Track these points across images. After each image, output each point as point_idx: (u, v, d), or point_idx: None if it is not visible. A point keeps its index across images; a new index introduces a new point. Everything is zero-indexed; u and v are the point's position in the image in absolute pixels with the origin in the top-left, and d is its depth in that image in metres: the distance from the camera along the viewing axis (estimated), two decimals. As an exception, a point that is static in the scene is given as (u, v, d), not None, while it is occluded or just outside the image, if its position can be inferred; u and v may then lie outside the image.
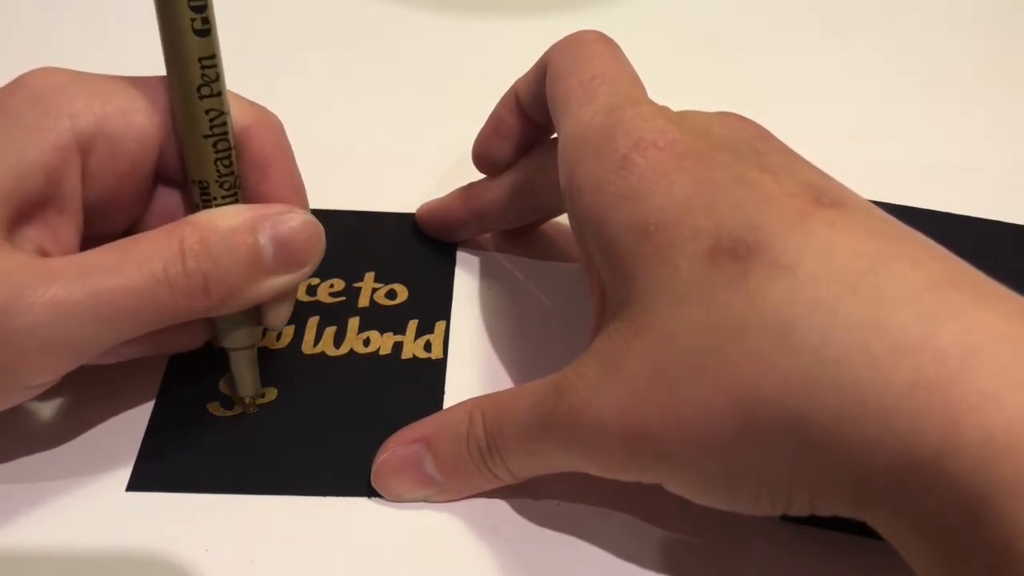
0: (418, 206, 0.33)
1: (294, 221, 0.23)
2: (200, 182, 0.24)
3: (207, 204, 0.24)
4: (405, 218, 0.33)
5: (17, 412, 0.23)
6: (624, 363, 0.20)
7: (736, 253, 0.19)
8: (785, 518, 0.24)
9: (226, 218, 0.23)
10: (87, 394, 0.26)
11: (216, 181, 0.24)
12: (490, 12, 0.45)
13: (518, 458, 0.23)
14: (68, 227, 0.24)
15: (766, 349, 0.18)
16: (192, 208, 0.25)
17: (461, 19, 0.45)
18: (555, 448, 0.22)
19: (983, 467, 0.16)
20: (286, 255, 0.23)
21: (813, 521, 0.24)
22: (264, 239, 0.23)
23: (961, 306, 0.17)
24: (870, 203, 0.21)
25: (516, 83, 0.29)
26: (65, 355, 0.21)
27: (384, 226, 0.33)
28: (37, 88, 0.23)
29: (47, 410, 0.26)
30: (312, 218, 0.24)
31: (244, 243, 0.23)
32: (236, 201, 0.25)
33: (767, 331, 0.18)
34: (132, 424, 0.26)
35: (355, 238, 0.32)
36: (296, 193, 0.26)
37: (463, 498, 0.25)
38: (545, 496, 0.25)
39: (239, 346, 0.26)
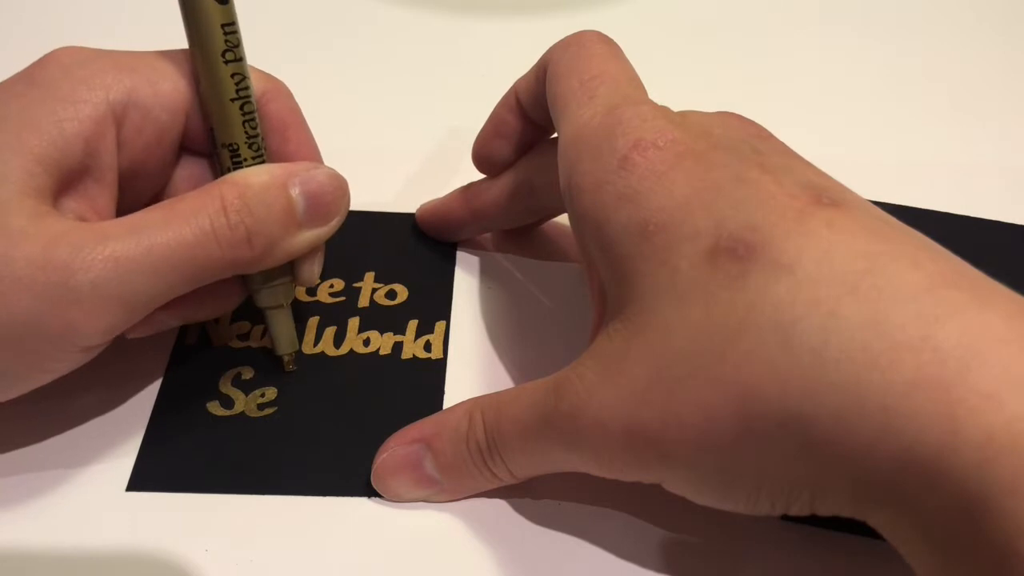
0: (418, 206, 0.33)
1: (321, 176, 0.25)
2: (230, 145, 0.25)
3: (238, 166, 0.25)
4: (405, 218, 0.33)
5: (17, 412, 0.24)
6: (624, 363, 0.20)
7: (736, 253, 0.19)
8: (785, 518, 0.24)
9: (259, 175, 0.24)
10: (87, 394, 0.26)
11: (245, 142, 0.25)
12: (490, 12, 0.45)
13: (518, 458, 0.23)
14: (105, 196, 0.24)
15: (766, 349, 0.18)
16: (221, 172, 0.25)
17: (461, 19, 0.45)
18: (555, 448, 0.22)
19: (983, 467, 0.16)
20: (317, 208, 0.24)
21: (813, 521, 0.24)
22: (296, 194, 0.24)
23: (961, 306, 0.17)
24: (870, 203, 0.21)
25: (516, 83, 0.29)
26: (122, 311, 0.22)
27: (384, 226, 0.33)
28: (66, 62, 0.24)
29: (47, 410, 0.26)
30: (336, 172, 0.25)
31: (279, 197, 0.24)
32: (264, 161, 0.25)
33: (767, 331, 0.18)
34: (132, 424, 0.27)
35: (355, 238, 0.32)
36: (315, 152, 0.27)
37: (463, 498, 0.25)
38: (545, 496, 0.25)
39: (275, 304, 0.27)
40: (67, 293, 0.21)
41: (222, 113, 0.25)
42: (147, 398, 0.27)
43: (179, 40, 0.25)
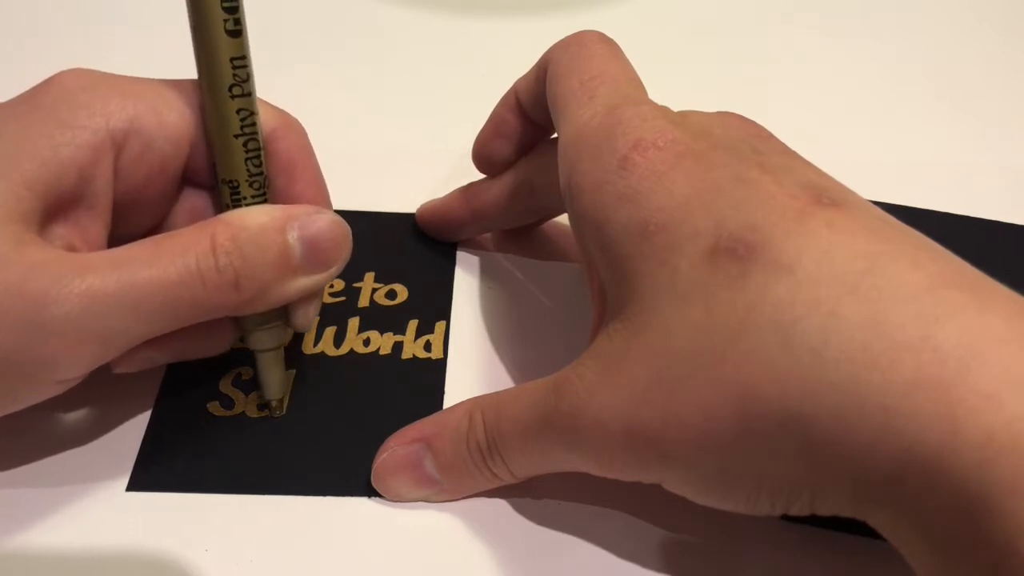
0: (418, 206, 0.33)
1: (322, 221, 0.24)
2: (230, 181, 0.24)
3: (237, 203, 0.24)
4: (405, 218, 0.33)
5: (17, 412, 0.23)
6: (624, 363, 0.20)
7: (736, 253, 0.19)
8: (785, 518, 0.24)
9: (256, 216, 0.23)
10: (87, 394, 0.26)
11: (246, 180, 0.24)
12: (490, 12, 0.45)
13: (518, 458, 0.23)
14: (97, 225, 0.24)
15: (766, 349, 0.18)
16: (221, 208, 0.25)
17: (461, 19, 0.45)
18: (555, 448, 0.22)
19: (983, 467, 0.16)
20: (315, 255, 0.23)
21: (813, 521, 0.24)
22: (293, 238, 0.23)
23: (961, 306, 0.17)
24: (870, 203, 0.21)
25: (516, 83, 0.29)
26: (97, 347, 0.21)
27: (384, 226, 0.33)
28: (70, 86, 0.23)
29: (47, 410, 0.26)
30: (339, 219, 0.24)
31: (274, 242, 0.23)
32: (265, 201, 0.25)
33: (767, 331, 0.18)
34: (132, 424, 0.27)
35: (355, 238, 0.32)
36: (322, 195, 0.26)
37: (463, 498, 0.25)
38: (545, 496, 0.25)
39: (266, 347, 0.26)
40: (41, 325, 0.20)
41: (224, 148, 0.24)
42: (147, 398, 0.27)
43: (191, 70, 0.24)
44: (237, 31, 0.23)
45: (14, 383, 0.22)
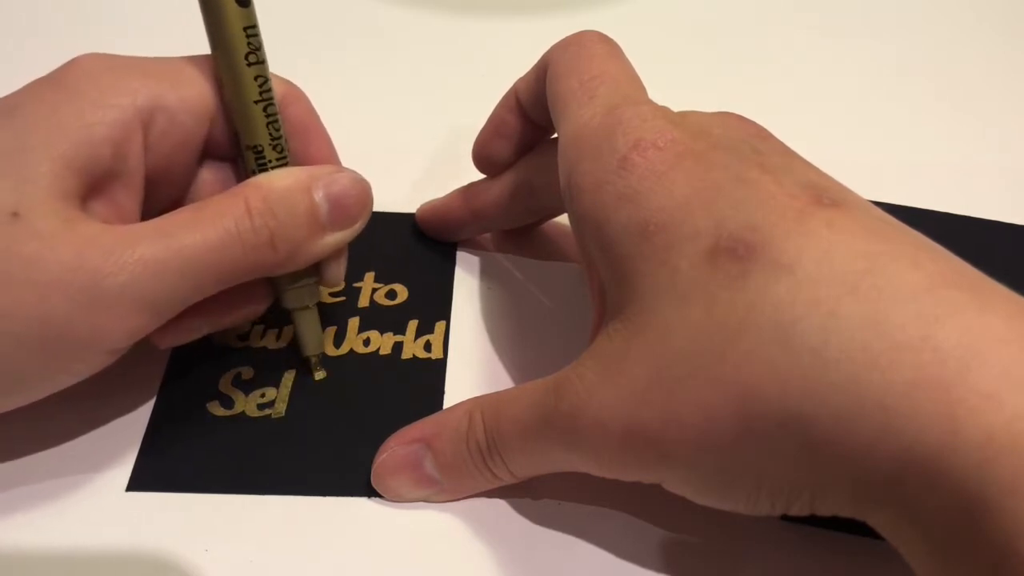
0: (418, 206, 0.33)
1: (344, 179, 0.25)
2: (255, 147, 0.25)
3: (263, 167, 0.25)
4: (405, 218, 0.33)
5: (17, 412, 0.23)
6: (624, 363, 0.20)
7: (736, 253, 0.19)
8: (785, 518, 0.24)
9: (283, 179, 0.24)
10: (87, 393, 0.26)
11: (269, 144, 0.25)
12: (490, 12, 0.45)
13: (518, 458, 0.23)
14: (131, 201, 0.25)
15: (766, 349, 0.18)
16: (247, 174, 0.26)
17: (461, 19, 0.45)
18: (555, 448, 0.22)
19: (983, 467, 0.16)
20: (340, 211, 0.25)
21: (813, 521, 0.24)
22: (319, 197, 0.24)
23: (961, 306, 0.17)
24: (870, 203, 0.21)
25: (516, 83, 0.29)
26: (149, 314, 0.22)
27: (384, 226, 0.33)
28: (91, 68, 0.24)
29: (47, 410, 0.26)
30: (359, 175, 0.25)
31: (302, 201, 0.24)
32: (287, 163, 0.26)
33: (767, 331, 0.18)
34: (132, 424, 0.27)
35: (355, 238, 0.32)
36: (334, 155, 0.28)
37: (463, 498, 0.25)
38: (545, 496, 0.25)
39: (302, 305, 0.27)
40: (98, 296, 0.21)
41: (247, 115, 0.25)
42: (147, 398, 0.27)
43: (197, 46, 0.25)
44: (246, 1, 0.24)
45: (70, 355, 0.22)
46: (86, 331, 0.22)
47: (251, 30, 0.24)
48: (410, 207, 0.33)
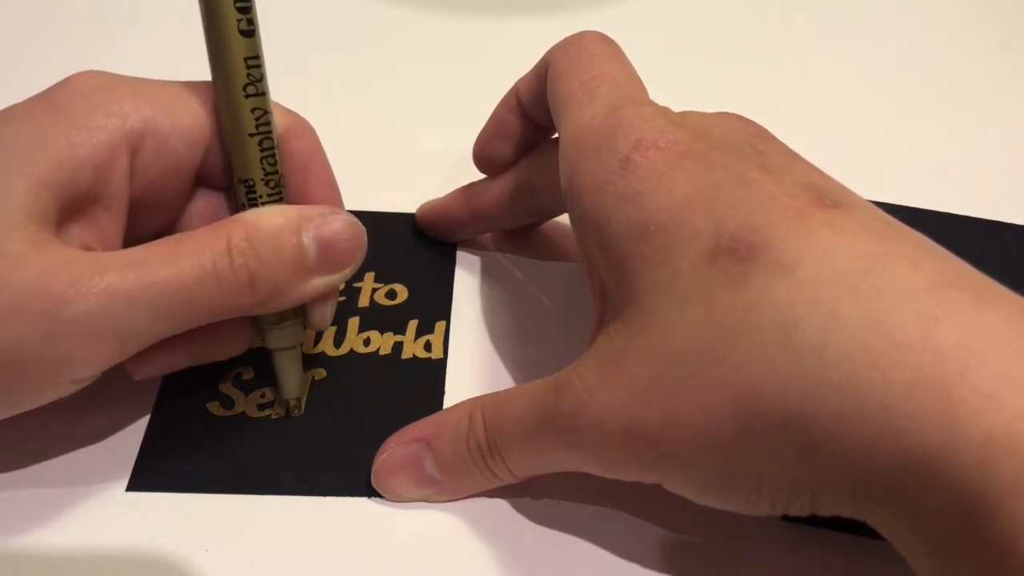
0: (418, 206, 0.33)
1: (337, 222, 0.24)
2: (246, 181, 0.24)
3: (253, 203, 0.24)
4: (405, 218, 0.33)
5: (17, 413, 0.24)
6: (624, 364, 0.20)
7: (737, 253, 0.19)
8: (785, 518, 0.24)
9: (271, 217, 0.23)
10: (87, 394, 0.26)
11: (261, 179, 0.24)
12: (490, 12, 0.45)
13: (518, 458, 0.23)
14: (113, 225, 0.24)
15: (766, 350, 0.18)
16: (237, 208, 0.25)
17: (461, 19, 0.45)
18: (555, 448, 0.22)
19: (983, 467, 0.16)
20: (329, 256, 0.24)
21: (813, 521, 0.24)
22: (308, 239, 0.23)
23: (961, 306, 0.17)
24: (870, 203, 0.21)
25: (517, 83, 0.29)
26: (114, 346, 0.22)
27: (384, 226, 0.33)
28: (85, 87, 0.23)
29: (47, 410, 0.26)
30: (354, 219, 0.24)
31: (289, 243, 0.23)
32: (280, 200, 0.25)
33: (767, 331, 0.18)
34: (132, 424, 0.27)
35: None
36: (335, 194, 0.27)
37: (463, 498, 0.25)
38: (545, 496, 0.25)
39: (282, 346, 0.26)
40: (60, 323, 0.20)
41: (240, 148, 0.24)
42: (147, 398, 0.27)
43: (201, 73, 0.24)
44: (250, 31, 0.23)
45: (30, 381, 0.22)
46: (48, 358, 0.21)
47: (252, 60, 0.23)
48: (410, 207, 0.33)
